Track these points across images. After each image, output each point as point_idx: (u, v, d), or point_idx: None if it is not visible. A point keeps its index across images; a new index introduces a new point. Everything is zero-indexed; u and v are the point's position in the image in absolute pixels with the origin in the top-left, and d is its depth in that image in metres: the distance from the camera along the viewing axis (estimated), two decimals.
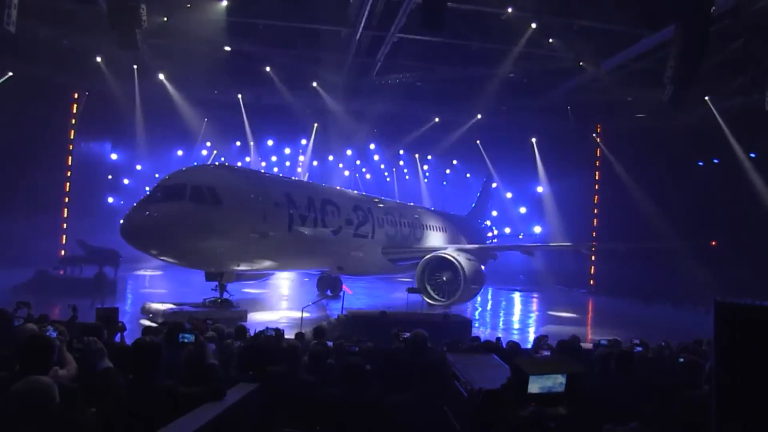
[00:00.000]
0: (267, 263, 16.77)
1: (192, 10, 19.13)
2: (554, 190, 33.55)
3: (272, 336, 7.59)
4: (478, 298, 22.16)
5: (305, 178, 31.85)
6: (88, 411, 3.44)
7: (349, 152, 35.96)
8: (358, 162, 37.28)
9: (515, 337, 14.17)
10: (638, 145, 26.90)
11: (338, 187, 24.37)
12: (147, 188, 18.07)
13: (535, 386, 2.47)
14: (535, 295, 29.78)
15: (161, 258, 13.96)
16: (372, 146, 34.57)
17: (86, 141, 29.71)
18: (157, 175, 25.18)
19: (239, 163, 30.57)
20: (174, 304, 14.76)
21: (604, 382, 4.94)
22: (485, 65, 23.02)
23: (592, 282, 32.01)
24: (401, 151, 36.87)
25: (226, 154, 33.46)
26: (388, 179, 39.35)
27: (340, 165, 37.20)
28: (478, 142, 32.63)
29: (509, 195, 38.01)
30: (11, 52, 19.42)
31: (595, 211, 31.76)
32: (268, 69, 24.18)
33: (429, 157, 38.01)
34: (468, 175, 39.37)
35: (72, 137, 27.26)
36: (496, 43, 21.09)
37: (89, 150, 30.23)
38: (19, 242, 24.14)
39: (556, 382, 2.51)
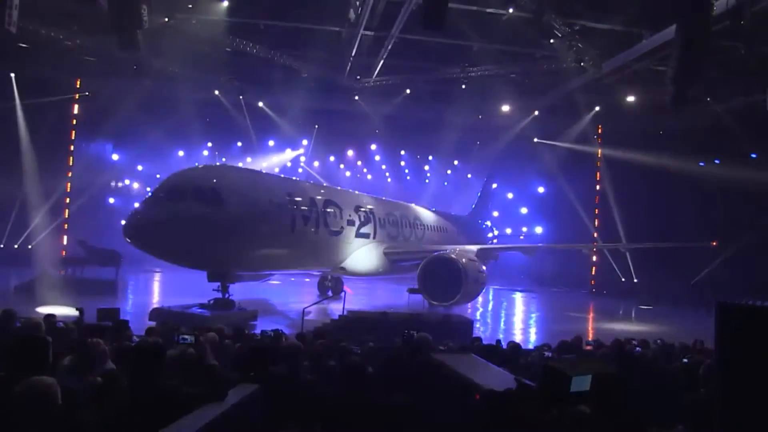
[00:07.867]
0: (269, 264, 16.76)
1: (193, 11, 19.16)
2: (555, 190, 33.51)
3: (273, 336, 7.59)
4: (479, 299, 22.15)
5: (306, 179, 31.85)
6: (90, 412, 3.44)
7: (350, 153, 35.99)
8: (359, 162, 37.30)
9: (517, 338, 14.17)
10: (639, 146, 26.87)
11: (340, 188, 24.36)
12: (148, 189, 18.06)
13: (575, 386, 2.57)
14: (536, 296, 29.76)
15: (163, 259, 13.96)
16: (373, 146, 34.58)
17: (87, 141, 29.75)
18: (158, 176, 25.19)
19: (240, 164, 30.60)
20: (181, 306, 14.73)
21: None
22: (486, 65, 23.01)
23: (593, 282, 31.98)
24: (402, 152, 36.90)
25: (227, 155, 33.48)
26: (389, 180, 39.35)
27: (342, 165, 37.22)
28: (479, 142, 32.62)
29: (510, 195, 38.00)
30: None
31: (596, 211, 31.72)
32: (269, 69, 24.20)
33: (430, 157, 37.99)
34: (469, 175, 39.37)
35: (73, 138, 27.28)
36: (497, 44, 21.07)
37: (90, 150, 30.26)
38: (20, 242, 24.21)
39: (584, 382, 2.58)
